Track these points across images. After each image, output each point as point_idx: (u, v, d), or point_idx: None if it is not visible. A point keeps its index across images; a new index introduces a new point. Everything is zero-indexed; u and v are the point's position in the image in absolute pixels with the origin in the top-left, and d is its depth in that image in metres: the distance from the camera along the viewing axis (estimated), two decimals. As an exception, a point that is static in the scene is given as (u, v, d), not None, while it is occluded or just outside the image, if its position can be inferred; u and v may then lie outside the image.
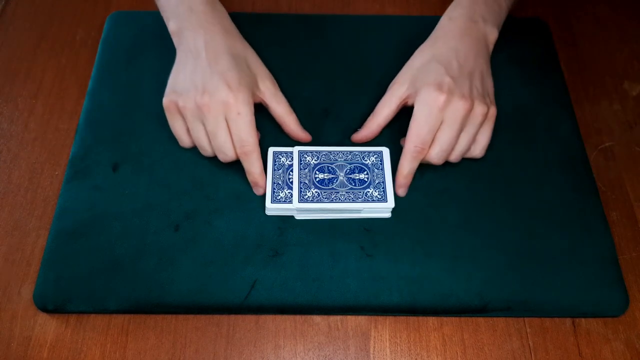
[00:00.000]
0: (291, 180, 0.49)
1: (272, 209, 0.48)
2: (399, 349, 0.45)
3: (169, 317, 0.46)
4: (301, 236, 0.48)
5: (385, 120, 0.52)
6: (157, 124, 0.53)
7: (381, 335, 0.46)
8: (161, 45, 0.58)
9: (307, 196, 0.48)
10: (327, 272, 0.47)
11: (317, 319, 0.47)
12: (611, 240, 0.49)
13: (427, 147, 0.48)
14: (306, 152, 0.50)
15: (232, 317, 0.46)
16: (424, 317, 0.47)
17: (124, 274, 0.46)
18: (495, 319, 0.47)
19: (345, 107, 0.56)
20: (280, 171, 0.50)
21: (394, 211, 0.49)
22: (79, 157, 0.52)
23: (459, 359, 0.45)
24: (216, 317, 0.46)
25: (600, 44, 0.64)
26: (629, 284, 0.48)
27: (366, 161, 0.50)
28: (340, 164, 0.50)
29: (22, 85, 0.59)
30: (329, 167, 0.49)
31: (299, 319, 0.46)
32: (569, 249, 0.48)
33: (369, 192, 0.48)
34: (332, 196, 0.48)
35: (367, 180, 0.49)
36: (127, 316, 0.46)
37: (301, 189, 0.48)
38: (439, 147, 0.48)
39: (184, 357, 0.44)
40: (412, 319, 0.47)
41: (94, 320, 0.46)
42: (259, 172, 0.48)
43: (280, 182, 0.49)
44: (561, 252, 0.48)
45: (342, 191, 0.48)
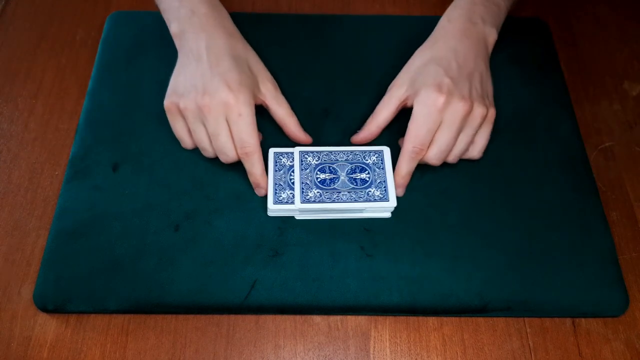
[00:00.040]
0: (292, 181, 0.49)
1: (274, 210, 0.48)
2: (399, 349, 0.45)
3: (169, 317, 0.46)
4: (301, 236, 0.48)
5: (384, 121, 0.52)
6: (157, 124, 0.53)
7: (381, 335, 0.46)
8: (161, 45, 0.58)
9: (309, 197, 0.48)
10: (327, 272, 0.47)
11: (317, 319, 0.47)
12: (611, 240, 0.49)
13: (426, 148, 0.48)
14: (307, 152, 0.50)
15: (232, 317, 0.46)
16: (424, 317, 0.47)
17: (124, 274, 0.46)
18: (495, 319, 0.47)
19: (345, 107, 0.56)
20: (281, 172, 0.50)
21: (394, 211, 0.49)
22: (79, 157, 0.52)
23: (459, 359, 0.45)
24: (216, 317, 0.46)
25: (600, 44, 0.64)
26: (629, 284, 0.48)
27: (367, 161, 0.50)
28: (341, 164, 0.50)
29: (22, 85, 0.59)
30: (330, 167, 0.49)
31: (299, 319, 0.46)
32: (569, 249, 0.48)
33: (370, 191, 0.48)
34: (334, 196, 0.48)
35: (368, 179, 0.49)
36: (127, 316, 0.46)
37: (303, 189, 0.48)
38: (438, 148, 0.48)
39: (184, 357, 0.44)
40: (412, 319, 0.47)
41: (94, 320, 0.46)
42: (260, 173, 0.48)
43: (281, 183, 0.49)
44: (561, 252, 0.48)
45: (344, 191, 0.48)
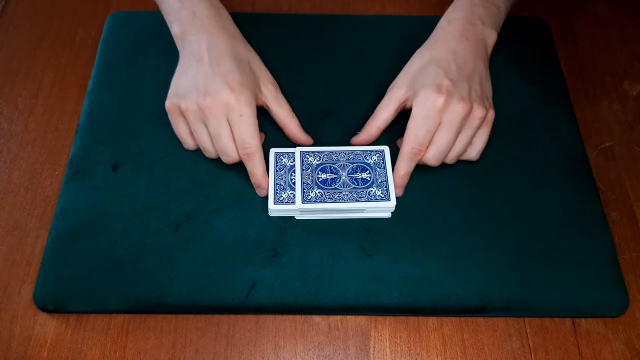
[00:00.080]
0: (293, 181, 0.49)
1: (275, 210, 0.48)
2: (399, 349, 0.45)
3: (169, 317, 0.46)
4: (301, 236, 0.48)
5: (384, 123, 0.51)
6: (157, 124, 0.53)
7: (381, 335, 0.46)
8: (161, 45, 0.58)
9: (310, 197, 0.48)
10: (327, 272, 0.47)
11: (317, 319, 0.46)
12: (611, 240, 0.49)
13: (425, 148, 0.48)
14: (308, 152, 0.50)
15: (232, 317, 0.46)
16: (424, 317, 0.47)
17: (124, 274, 0.46)
18: (495, 319, 0.47)
19: (345, 107, 0.56)
20: (282, 172, 0.49)
21: (394, 211, 0.49)
22: (79, 157, 0.52)
23: (459, 359, 0.45)
24: (216, 317, 0.46)
25: (600, 43, 0.64)
26: (629, 284, 0.48)
27: (368, 160, 0.50)
28: (342, 163, 0.50)
29: (22, 85, 0.59)
30: (331, 167, 0.49)
31: (299, 319, 0.46)
32: (569, 249, 0.48)
33: (372, 191, 0.48)
34: (335, 196, 0.48)
35: (369, 179, 0.49)
36: (127, 316, 0.46)
37: (304, 189, 0.48)
38: (436, 149, 0.48)
39: (184, 357, 0.44)
40: (412, 319, 0.47)
41: (94, 320, 0.46)
42: (261, 174, 0.48)
43: (282, 183, 0.49)
44: (561, 252, 0.48)
45: (345, 191, 0.48)
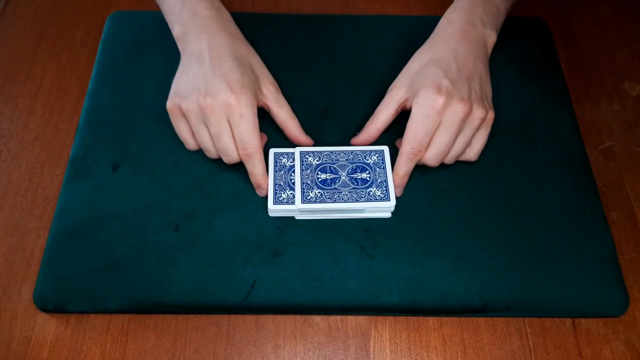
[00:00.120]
0: (293, 181, 0.49)
1: (275, 210, 0.48)
2: (399, 349, 0.45)
3: (169, 317, 0.46)
4: (301, 236, 0.48)
5: (384, 124, 0.51)
6: (157, 124, 0.53)
7: (381, 335, 0.46)
8: (161, 45, 0.58)
9: (310, 197, 0.48)
10: (327, 272, 0.47)
11: (317, 319, 0.47)
12: (611, 240, 0.49)
13: (424, 149, 0.48)
14: (308, 152, 0.50)
15: (232, 317, 0.46)
16: (424, 317, 0.47)
17: (124, 274, 0.46)
18: (495, 319, 0.47)
19: (345, 107, 0.56)
20: (281, 172, 0.49)
21: (394, 211, 0.49)
22: (79, 157, 0.52)
23: (459, 359, 0.45)
24: (216, 317, 0.46)
25: (600, 43, 0.64)
26: (629, 284, 0.48)
27: (368, 160, 0.50)
28: (342, 163, 0.50)
29: (22, 85, 0.59)
30: (330, 167, 0.49)
31: (299, 319, 0.46)
32: (569, 249, 0.48)
33: (371, 191, 0.48)
34: (335, 196, 0.48)
35: (369, 179, 0.49)
36: (127, 316, 0.46)
37: (304, 189, 0.48)
38: (436, 150, 0.48)
39: (184, 357, 0.44)
40: (412, 319, 0.47)
41: (94, 320, 0.46)
42: (261, 174, 0.48)
43: (282, 183, 0.49)
44: (561, 252, 0.48)
45: (345, 191, 0.48)
